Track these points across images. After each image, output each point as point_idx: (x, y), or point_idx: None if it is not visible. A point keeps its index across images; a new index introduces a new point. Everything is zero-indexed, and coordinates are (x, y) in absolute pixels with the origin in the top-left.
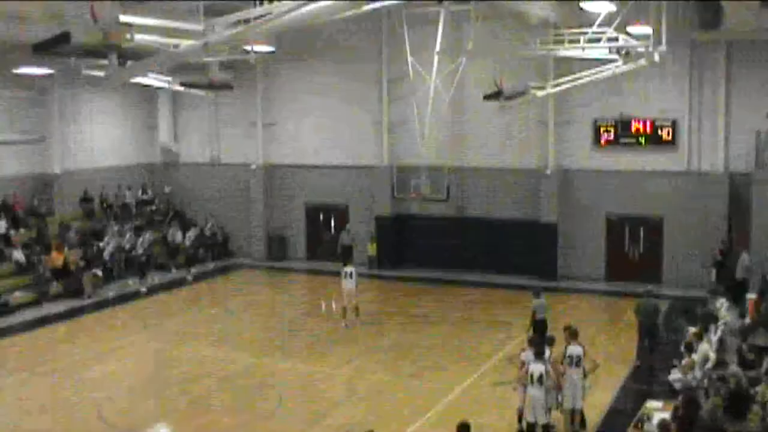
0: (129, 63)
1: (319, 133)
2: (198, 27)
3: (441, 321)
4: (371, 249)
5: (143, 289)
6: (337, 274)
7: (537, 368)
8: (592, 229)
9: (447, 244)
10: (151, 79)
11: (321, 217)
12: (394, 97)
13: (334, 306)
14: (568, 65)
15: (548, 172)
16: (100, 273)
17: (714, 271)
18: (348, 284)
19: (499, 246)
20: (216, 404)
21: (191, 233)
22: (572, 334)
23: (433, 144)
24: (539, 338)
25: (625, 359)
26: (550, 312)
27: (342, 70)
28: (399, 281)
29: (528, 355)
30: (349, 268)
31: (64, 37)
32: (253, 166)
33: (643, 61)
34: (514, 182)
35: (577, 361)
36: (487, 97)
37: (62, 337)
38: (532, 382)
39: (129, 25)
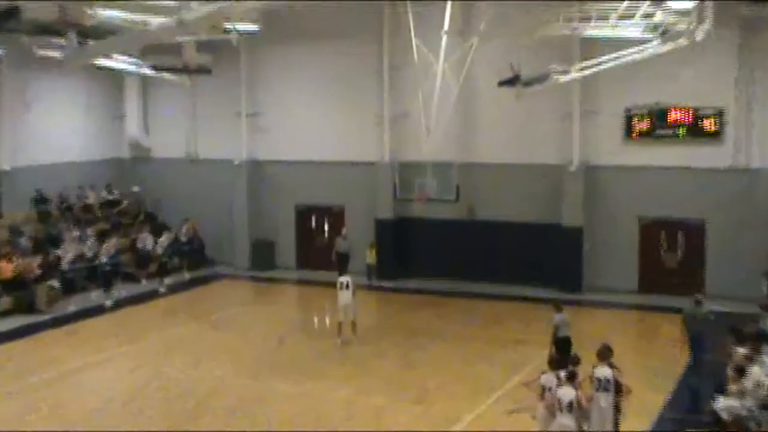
0: (91, 43)
1: (312, 125)
2: (172, 2)
3: (449, 338)
4: (370, 257)
5: (108, 303)
6: (332, 285)
7: (567, 393)
8: (622, 234)
9: (456, 252)
10: (118, 62)
11: (313, 220)
12: (396, 85)
13: (328, 321)
14: (595, 46)
15: (572, 168)
16: (57, 285)
17: (766, 283)
18: (344, 297)
19: (515, 253)
20: (197, 430)
21: (164, 239)
22: (602, 354)
23: (441, 138)
24: (561, 358)
25: (658, 381)
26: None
27: (337, 53)
28: (401, 293)
29: (548, 378)
30: (345, 279)
31: (12, 12)
32: (236, 162)
33: (683, 41)
34: (532, 181)
35: (605, 385)
36: (502, 84)
37: (14, 359)
38: (561, 409)
39: None
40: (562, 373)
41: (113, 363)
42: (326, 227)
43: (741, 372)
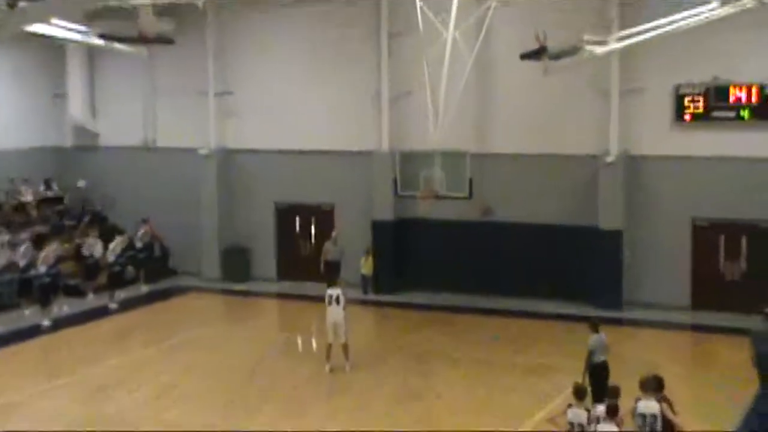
0: (22, 4)
1: (295, 106)
2: None
3: (461, 364)
4: (366, 265)
5: (46, 323)
6: (320, 299)
7: (606, 431)
8: (671, 239)
9: (468, 260)
10: (58, 29)
11: (297, 221)
12: (397, 57)
13: (314, 343)
14: (638, 11)
15: (610, 159)
16: None
17: None
18: (334, 314)
19: (540, 262)
20: None
21: (116, 245)
22: (646, 384)
23: (451, 122)
24: (598, 388)
25: (719, 418)
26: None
27: (325, 19)
28: (403, 309)
29: (576, 413)
30: (335, 292)
31: None
32: (203, 152)
33: (749, 3)
34: (562, 175)
35: (652, 423)
36: (525, 57)
37: None
38: None
39: None
40: (598, 408)
41: (46, 400)
42: (313, 230)
43: None
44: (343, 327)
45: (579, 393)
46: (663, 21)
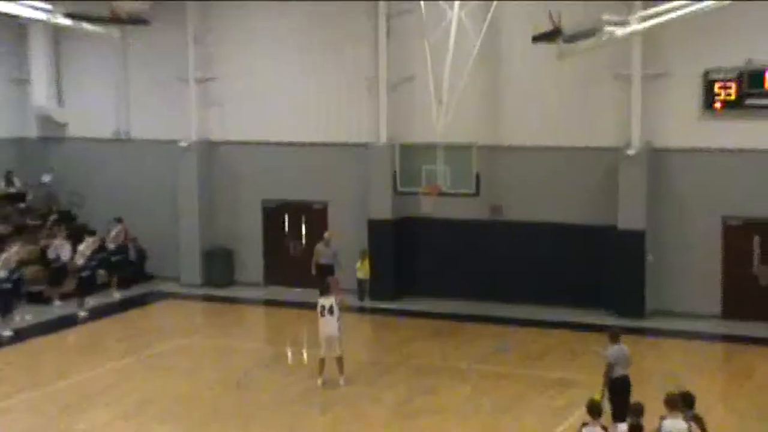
0: None
1: (283, 94)
2: None
3: (466, 377)
4: (362, 270)
5: (7, 333)
6: (310, 307)
7: None
8: (700, 240)
9: (476, 263)
10: (20, 7)
11: (286, 221)
12: (396, 41)
13: (305, 355)
14: None
15: (631, 152)
16: None
17: None
18: (327, 324)
19: (555, 266)
20: None
21: (86, 247)
22: (672, 402)
23: (457, 111)
24: (618, 405)
25: None
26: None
27: None
28: (404, 318)
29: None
30: (328, 301)
31: None
32: (183, 144)
33: None
34: (578, 169)
35: None
36: (538, 39)
37: None
38: None
39: None
40: (619, 427)
41: (7, 416)
42: (303, 231)
43: None
44: (338, 340)
45: (594, 410)
46: None
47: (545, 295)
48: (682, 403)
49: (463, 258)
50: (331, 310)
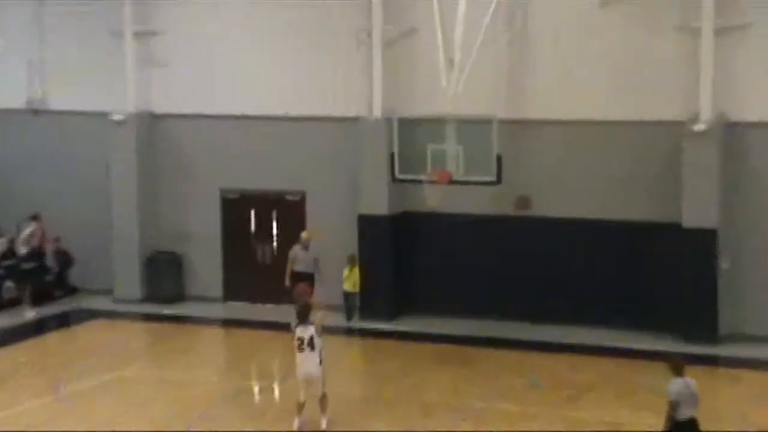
0: None
1: (248, 53)
2: None
3: (484, 419)
4: (349, 280)
5: None
6: (283, 328)
7: None
8: None
9: (496, 271)
10: None
11: (252, 217)
12: None
13: (277, 390)
14: None
15: (699, 127)
16: None
17: None
18: (307, 364)
19: (597, 274)
20: None
21: None
22: None
23: (472, 77)
24: None
25: None
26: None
27: None
28: (402, 342)
29: None
30: (307, 332)
31: None
32: (117, 118)
33: None
34: (629, 150)
35: None
36: None
37: None
38: None
39: None
40: None
41: None
42: (274, 229)
43: None
44: (320, 380)
45: None
46: None
47: (585, 314)
48: None
49: (480, 265)
50: (311, 344)
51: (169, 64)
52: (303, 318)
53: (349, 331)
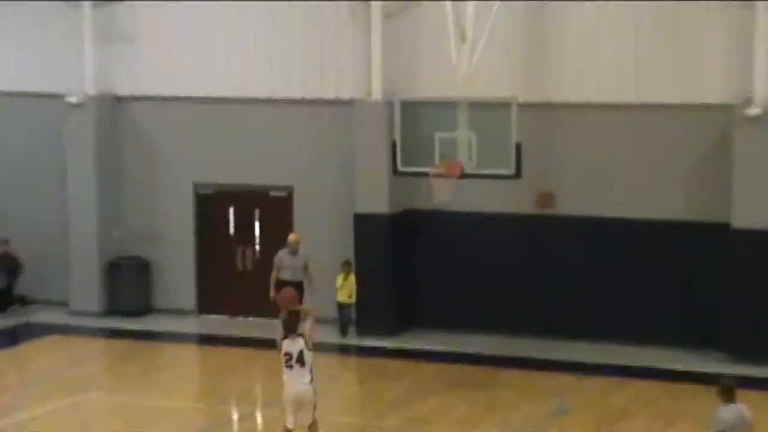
0: None
1: (228, 27)
2: None
3: None
4: (344, 290)
5: None
6: (267, 346)
7: None
8: None
9: (516, 279)
10: None
11: (231, 216)
12: None
13: (259, 419)
14: None
15: (753, 111)
16: None
17: None
18: (296, 382)
19: (632, 282)
20: None
21: None
22: None
23: (488, 52)
24: None
25: None
26: None
27: None
28: (405, 361)
29: None
30: (296, 346)
31: None
32: (73, 100)
33: None
34: (670, 138)
35: None
36: None
37: None
38: None
39: None
40: None
41: None
42: (257, 231)
43: None
44: (312, 402)
45: None
46: None
47: (620, 328)
48: None
49: (495, 273)
50: (301, 359)
51: (135, 37)
52: (291, 329)
53: (344, 349)
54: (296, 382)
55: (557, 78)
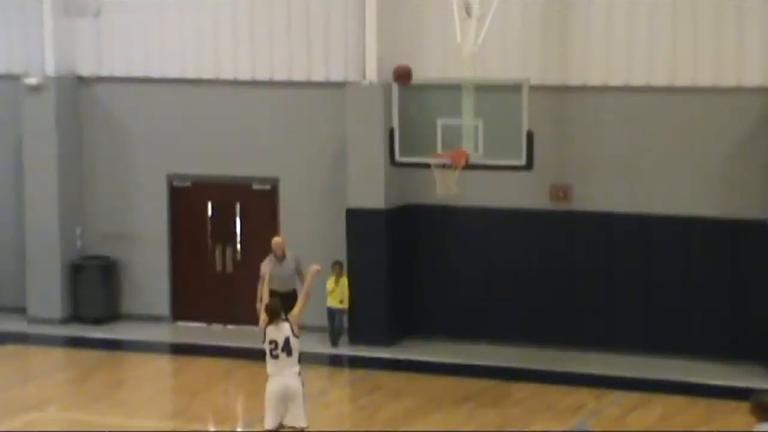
0: None
1: (208, 2)
2: None
3: None
4: (335, 294)
5: None
6: (248, 356)
7: None
8: None
9: (527, 282)
10: None
11: (209, 212)
12: None
13: None
14: None
15: None
16: None
17: None
18: (282, 375)
19: (659, 286)
20: None
21: None
22: None
23: (495, 29)
24: None
25: None
26: None
27: None
28: (405, 374)
29: None
30: (281, 332)
31: None
32: (32, 81)
33: None
34: (703, 125)
35: None
36: None
37: None
38: None
39: None
40: None
41: None
42: (238, 228)
43: None
44: (301, 396)
45: None
46: None
47: (645, 338)
48: None
49: (506, 274)
50: (287, 347)
51: (101, 12)
52: (275, 314)
53: (335, 360)
54: (282, 375)
55: (575, 58)
